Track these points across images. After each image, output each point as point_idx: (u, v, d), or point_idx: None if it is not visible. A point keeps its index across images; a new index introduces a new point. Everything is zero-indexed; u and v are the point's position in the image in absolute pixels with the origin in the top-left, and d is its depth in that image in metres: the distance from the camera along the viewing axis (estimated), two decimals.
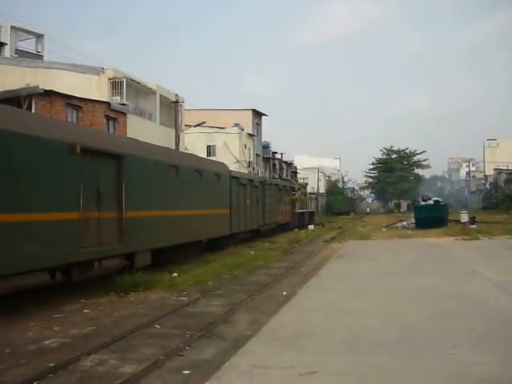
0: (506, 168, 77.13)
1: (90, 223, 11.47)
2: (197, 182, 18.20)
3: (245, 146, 50.03)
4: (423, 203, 36.69)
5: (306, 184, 64.96)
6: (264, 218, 29.17)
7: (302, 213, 43.89)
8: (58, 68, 27.93)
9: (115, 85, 27.70)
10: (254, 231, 27.69)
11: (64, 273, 11.61)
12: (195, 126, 35.32)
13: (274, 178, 45.62)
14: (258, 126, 57.58)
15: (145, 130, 28.68)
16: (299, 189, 46.24)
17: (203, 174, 18.96)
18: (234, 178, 23.84)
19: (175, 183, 16.25)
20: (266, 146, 59.68)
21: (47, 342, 7.81)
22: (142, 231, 13.70)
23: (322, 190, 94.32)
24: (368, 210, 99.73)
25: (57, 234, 10.51)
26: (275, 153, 64.24)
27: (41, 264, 10.47)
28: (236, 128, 49.27)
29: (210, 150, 46.57)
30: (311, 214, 50.23)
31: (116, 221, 12.58)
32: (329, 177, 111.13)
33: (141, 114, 30.08)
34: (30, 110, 20.08)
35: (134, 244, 13.30)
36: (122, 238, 12.68)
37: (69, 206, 10.87)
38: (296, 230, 37.14)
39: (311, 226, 39.52)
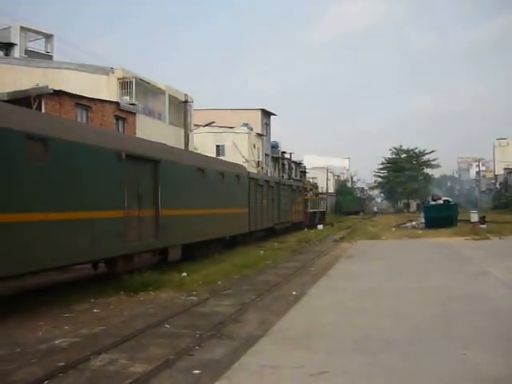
0: None
1: (132, 220, 12.88)
2: (220, 184, 19.65)
3: (254, 145, 49.98)
4: (433, 203, 36.56)
5: (315, 183, 64.93)
6: (279, 217, 30.34)
7: (314, 212, 45.18)
8: (67, 68, 28.00)
9: (124, 85, 27.72)
10: (270, 229, 28.66)
11: (108, 264, 13.03)
12: (204, 126, 35.30)
13: (288, 179, 46.55)
14: (266, 125, 57.50)
15: (154, 130, 28.70)
16: (311, 189, 47.21)
17: (225, 176, 20.25)
18: (252, 179, 25.19)
19: (202, 184, 17.63)
20: (274, 146, 59.55)
21: (57, 342, 7.83)
22: (174, 228, 14.99)
23: (331, 189, 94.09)
24: (375, 209, 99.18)
25: (109, 230, 12.06)
26: (284, 152, 64.10)
27: (98, 255, 12.08)
28: (245, 128, 49.21)
29: (219, 149, 46.54)
30: (322, 213, 51.29)
31: (153, 219, 13.98)
32: (338, 176, 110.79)
33: (150, 113, 30.10)
34: (40, 110, 20.15)
35: (168, 240, 14.65)
36: (158, 234, 14.06)
37: (117, 205, 12.32)
38: (306, 229, 37.15)
39: (320, 226, 39.47)
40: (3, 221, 9.05)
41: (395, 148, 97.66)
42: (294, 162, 67.97)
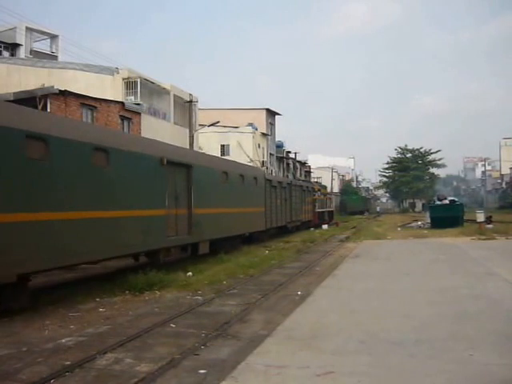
0: None
1: (171, 218, 14.83)
2: (241, 185, 21.68)
3: (258, 145, 50.03)
4: (439, 203, 36.47)
5: (321, 183, 65.08)
6: (291, 216, 32.58)
7: (322, 212, 46.93)
8: (72, 68, 28.14)
9: (129, 85, 27.83)
10: (283, 227, 30.77)
11: (149, 256, 14.87)
12: (209, 126, 35.35)
13: (299, 180, 47.88)
14: (271, 125, 57.56)
15: (159, 130, 28.82)
16: (319, 190, 48.53)
17: (245, 178, 22.26)
18: (268, 180, 27.42)
19: (226, 186, 19.67)
20: (279, 146, 59.63)
21: (63, 341, 7.84)
22: (203, 225, 16.88)
23: (336, 189, 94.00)
24: (378, 208, 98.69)
25: (155, 226, 13.92)
26: (289, 152, 64.13)
27: (147, 247, 13.97)
28: (250, 127, 49.29)
29: (224, 149, 46.65)
30: (331, 213, 53.25)
31: (186, 217, 15.92)
32: (343, 176, 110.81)
33: (155, 113, 30.20)
34: (46, 109, 20.24)
35: (198, 236, 16.61)
36: (190, 230, 16.01)
37: (160, 204, 14.26)
38: (313, 229, 37.19)
39: (325, 226, 39.46)
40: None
41: (400, 148, 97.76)
42: (298, 161, 67.97)
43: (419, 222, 39.72)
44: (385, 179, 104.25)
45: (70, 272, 14.70)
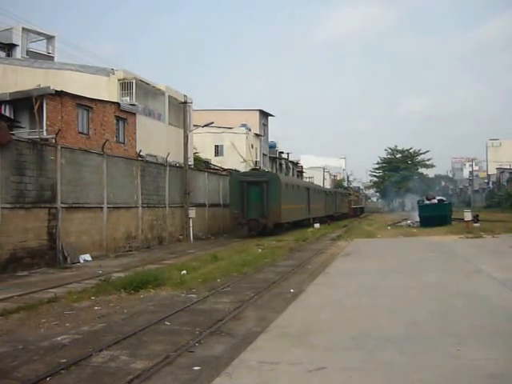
0: (508, 167, 77.23)
1: (305, 207, 41.21)
2: (318, 194, 47.34)
3: (252, 145, 50.19)
4: (427, 202, 36.78)
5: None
6: (335, 209, 56.24)
7: (356, 208, 73.72)
8: (68, 69, 28.02)
9: (125, 85, 27.79)
10: (330, 216, 50.96)
11: (299, 223, 38.82)
12: (203, 126, 35.30)
13: (340, 188, 75.85)
14: (264, 126, 57.69)
15: (154, 130, 28.86)
16: (353, 193, 75.94)
17: (315, 190, 47.03)
18: (324, 191, 53.62)
19: (315, 195, 45.33)
20: (272, 146, 59.79)
21: (59, 339, 7.92)
22: (312, 211, 42.95)
23: None
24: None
25: (303, 210, 40.63)
26: (282, 153, 64.34)
27: (299, 218, 38.72)
28: (243, 128, 49.41)
29: (218, 149, 46.79)
30: (362, 208, 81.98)
31: (307, 207, 41.88)
32: (334, 176, 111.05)
33: (150, 114, 30.20)
34: (42, 109, 20.26)
35: (311, 215, 42.99)
36: (309, 212, 42.33)
37: (304, 203, 40.77)
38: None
39: (317, 225, 39.65)
40: (290, 207, 34.83)
41: (390, 148, 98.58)
42: (291, 161, 68.15)
43: (408, 221, 40.03)
44: (375, 179, 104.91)
45: (64, 271, 14.66)
